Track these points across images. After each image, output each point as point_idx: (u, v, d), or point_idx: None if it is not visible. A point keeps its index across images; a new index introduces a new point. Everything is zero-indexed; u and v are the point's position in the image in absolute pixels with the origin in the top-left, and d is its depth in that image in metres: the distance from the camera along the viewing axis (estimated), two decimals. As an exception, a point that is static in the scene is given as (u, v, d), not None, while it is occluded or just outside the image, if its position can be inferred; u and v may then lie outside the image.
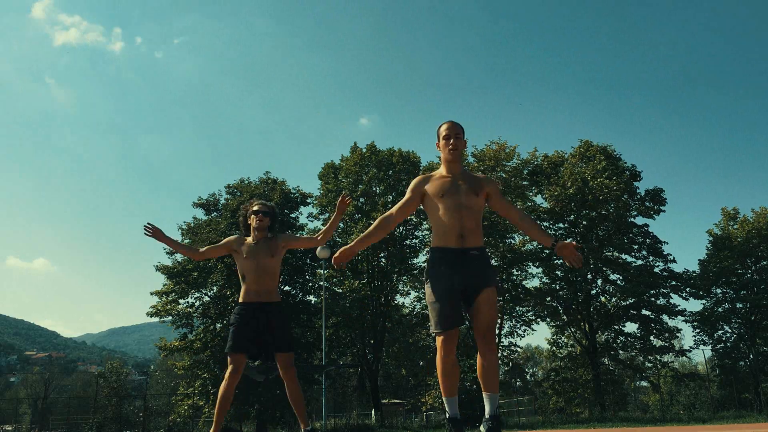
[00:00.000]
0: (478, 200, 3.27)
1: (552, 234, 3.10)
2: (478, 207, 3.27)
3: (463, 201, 3.22)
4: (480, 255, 3.21)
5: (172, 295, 23.32)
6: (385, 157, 25.57)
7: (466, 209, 3.22)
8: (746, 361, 26.48)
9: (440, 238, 3.24)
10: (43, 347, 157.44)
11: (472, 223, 3.22)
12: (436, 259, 3.22)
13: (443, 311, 3.10)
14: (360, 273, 25.07)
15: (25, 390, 57.61)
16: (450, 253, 3.18)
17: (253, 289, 4.18)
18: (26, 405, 47.62)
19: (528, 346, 64.90)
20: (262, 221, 4.28)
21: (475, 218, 3.25)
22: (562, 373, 25.72)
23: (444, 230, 3.22)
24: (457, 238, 3.18)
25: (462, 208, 3.21)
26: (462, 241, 3.18)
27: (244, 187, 24.88)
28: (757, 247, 26.63)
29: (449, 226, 3.20)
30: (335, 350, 24.90)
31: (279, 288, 4.42)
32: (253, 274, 4.18)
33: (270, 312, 4.15)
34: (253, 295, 4.17)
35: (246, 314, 4.13)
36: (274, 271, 4.25)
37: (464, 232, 3.18)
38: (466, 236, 3.18)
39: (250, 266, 4.20)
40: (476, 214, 3.26)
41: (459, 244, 3.18)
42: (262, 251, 4.22)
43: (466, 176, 3.34)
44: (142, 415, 22.67)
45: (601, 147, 25.80)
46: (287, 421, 21.05)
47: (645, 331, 24.52)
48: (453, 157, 3.35)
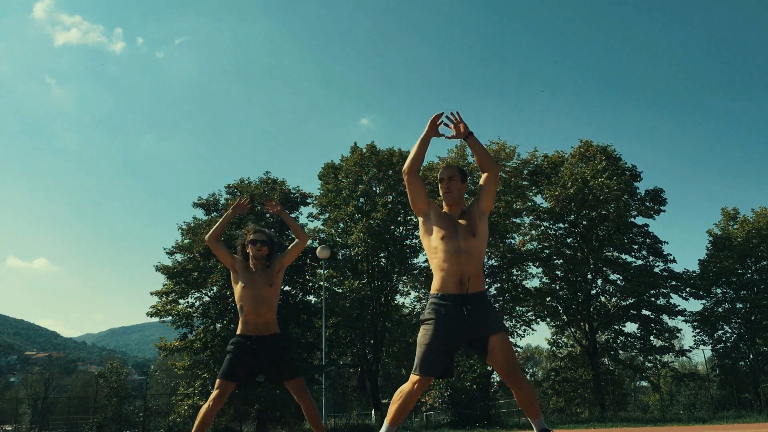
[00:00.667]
0: (476, 241, 3.22)
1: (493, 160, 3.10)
2: (478, 251, 3.23)
3: (462, 246, 3.18)
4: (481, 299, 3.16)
5: (172, 295, 23.32)
6: (385, 157, 25.56)
7: (466, 254, 3.17)
8: (746, 361, 26.48)
9: (440, 283, 3.19)
10: (43, 347, 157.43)
11: (473, 268, 3.18)
12: (435, 305, 3.17)
13: (430, 358, 3.08)
14: (360, 273, 25.06)
15: (25, 390, 57.59)
16: (450, 301, 3.12)
17: (251, 321, 4.12)
18: (26, 405, 47.55)
19: (528, 346, 64.98)
20: (260, 251, 4.23)
21: (474, 263, 3.19)
22: (562, 373, 25.71)
23: (443, 276, 3.18)
24: (457, 284, 3.14)
25: (461, 253, 3.17)
26: (462, 288, 3.13)
27: (244, 187, 24.87)
28: (757, 247, 26.63)
29: (448, 272, 3.16)
30: (335, 350, 24.89)
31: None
32: (251, 305, 4.13)
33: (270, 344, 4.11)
34: (252, 328, 4.11)
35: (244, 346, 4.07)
36: (272, 302, 4.20)
37: (464, 278, 3.14)
38: (466, 283, 3.14)
39: (247, 296, 4.15)
40: (476, 258, 3.21)
41: (459, 290, 3.13)
42: (260, 281, 4.18)
43: (463, 216, 3.31)
44: (142, 415, 22.67)
45: (601, 147, 25.80)
46: (287, 421, 21.07)
47: (645, 331, 24.51)
48: (448, 201, 3.35)
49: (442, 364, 3.10)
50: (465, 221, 3.26)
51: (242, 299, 4.17)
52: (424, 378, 3.08)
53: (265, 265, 4.29)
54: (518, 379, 3.12)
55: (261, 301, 4.14)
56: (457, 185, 3.36)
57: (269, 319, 4.16)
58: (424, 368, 3.08)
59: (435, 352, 3.08)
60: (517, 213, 24.79)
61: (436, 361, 3.08)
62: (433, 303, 3.18)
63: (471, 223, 3.25)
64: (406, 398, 3.11)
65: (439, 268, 3.20)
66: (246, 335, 4.12)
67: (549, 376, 27.21)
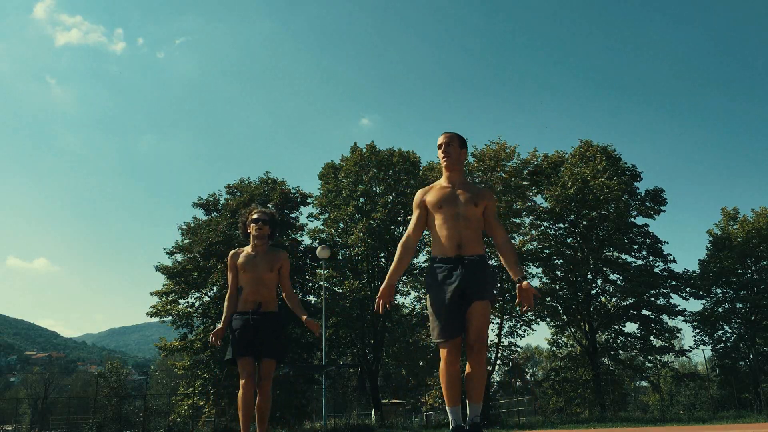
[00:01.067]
0: (477, 210, 3.25)
1: (523, 269, 3.08)
2: (477, 217, 3.25)
3: (461, 211, 3.21)
4: (478, 261, 3.19)
5: (172, 295, 23.32)
6: (385, 157, 25.56)
7: (464, 219, 3.20)
8: (746, 361, 26.49)
9: (438, 248, 3.23)
10: (43, 347, 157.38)
11: (471, 233, 3.21)
12: (434, 269, 3.21)
13: (444, 321, 3.10)
14: (360, 273, 25.06)
15: (25, 390, 57.61)
16: (447, 262, 3.17)
17: (249, 299, 4.17)
18: (26, 405, 47.58)
19: (528, 346, 64.94)
20: (262, 230, 4.24)
21: (473, 228, 3.22)
22: (562, 373, 25.71)
23: (442, 240, 3.21)
24: (455, 247, 3.17)
25: (460, 218, 3.20)
26: (460, 251, 3.17)
27: (244, 187, 24.87)
28: (757, 247, 26.63)
29: (447, 236, 3.19)
30: (335, 350, 24.89)
31: (277, 297, 4.41)
32: (250, 286, 4.18)
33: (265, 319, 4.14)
34: (250, 304, 4.16)
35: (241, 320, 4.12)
36: (271, 284, 4.24)
37: (462, 242, 3.18)
38: (464, 246, 3.17)
39: (248, 278, 4.19)
40: (475, 224, 3.24)
41: (457, 253, 3.17)
42: (261, 264, 4.20)
43: (466, 186, 3.33)
44: (142, 415, 22.66)
45: (601, 147, 25.79)
46: (287, 421, 21.07)
47: (645, 331, 24.50)
48: (447, 164, 3.34)
49: (457, 322, 3.10)
50: (467, 193, 3.28)
51: (242, 281, 4.22)
52: (450, 342, 3.09)
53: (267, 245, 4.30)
54: (480, 352, 3.12)
55: (260, 283, 4.19)
56: (456, 150, 3.36)
57: (267, 297, 4.21)
58: (445, 332, 3.09)
59: (447, 314, 3.10)
60: (517, 213, 24.77)
61: (452, 321, 3.10)
62: (433, 267, 3.23)
63: (474, 197, 3.27)
64: (448, 373, 3.11)
65: (438, 234, 3.24)
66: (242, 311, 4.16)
67: (549, 376, 27.22)
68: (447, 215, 3.22)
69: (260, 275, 4.18)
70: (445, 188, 3.32)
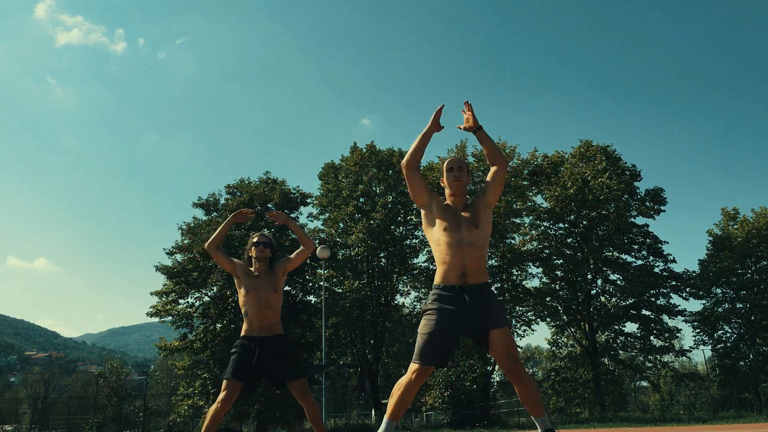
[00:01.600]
0: (479, 233, 3.21)
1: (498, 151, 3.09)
2: (481, 242, 3.21)
3: (464, 237, 3.17)
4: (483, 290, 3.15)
5: (172, 295, 23.32)
6: (384, 157, 25.55)
7: (468, 246, 3.17)
8: (746, 361, 26.48)
9: (442, 275, 3.20)
10: (43, 347, 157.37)
11: (475, 261, 3.17)
12: (436, 296, 3.18)
13: (430, 348, 3.07)
14: (360, 273, 25.06)
15: (25, 390, 57.59)
16: (451, 291, 3.14)
17: (255, 325, 4.16)
18: (26, 405, 47.55)
19: (528, 346, 65.02)
20: (263, 252, 4.27)
21: (477, 255, 3.18)
22: (562, 373, 25.71)
23: (446, 267, 3.18)
24: (459, 276, 3.14)
25: (464, 245, 3.16)
26: (464, 279, 3.14)
27: (244, 187, 24.87)
28: (757, 247, 26.62)
29: (451, 264, 3.16)
30: (335, 350, 24.89)
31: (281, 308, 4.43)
32: (255, 309, 4.17)
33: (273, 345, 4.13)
34: (256, 330, 4.15)
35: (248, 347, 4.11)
36: (276, 306, 4.24)
37: (467, 270, 3.14)
38: (469, 274, 3.14)
39: (251, 301, 4.19)
40: (479, 250, 3.20)
41: (461, 282, 3.14)
42: (263, 286, 4.21)
43: (467, 209, 3.31)
44: (142, 415, 22.67)
45: (601, 147, 25.80)
46: (287, 421, 21.07)
47: (645, 331, 24.51)
48: (456, 190, 3.32)
49: (442, 354, 3.10)
50: (468, 213, 3.27)
51: (246, 304, 4.22)
52: (424, 368, 3.08)
53: (268, 268, 4.33)
54: (519, 373, 3.10)
55: (265, 305, 4.18)
56: (465, 176, 3.39)
57: (273, 321, 4.21)
58: (425, 358, 3.07)
59: (436, 343, 3.08)
60: (517, 213, 24.79)
61: (437, 351, 3.08)
62: (435, 294, 3.19)
63: (474, 215, 3.25)
64: (405, 390, 3.10)
65: (442, 260, 3.21)
66: (249, 336, 4.16)
67: (549, 376, 27.21)
68: (450, 240, 3.18)
69: (264, 297, 4.18)
70: (449, 209, 3.31)
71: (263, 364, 4.08)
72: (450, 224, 3.22)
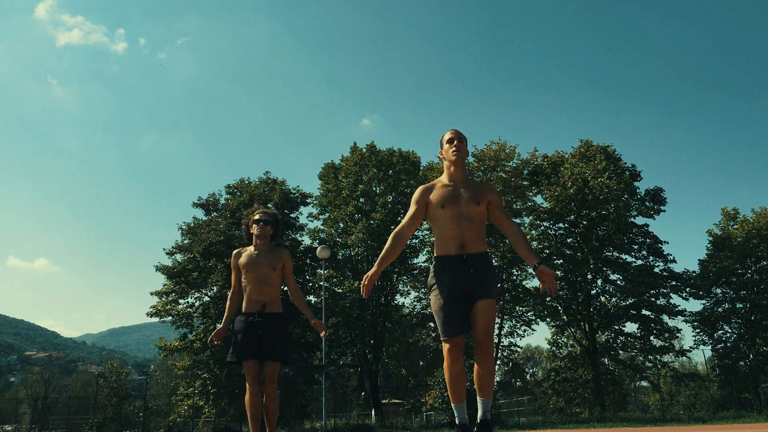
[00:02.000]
0: (479, 209, 3.25)
1: (539, 254, 3.22)
2: (479, 216, 3.25)
3: (464, 211, 3.21)
4: (481, 259, 3.20)
5: (172, 295, 23.31)
6: (384, 157, 25.55)
7: (467, 219, 3.21)
8: (746, 361, 26.48)
9: (441, 247, 3.25)
10: (43, 347, 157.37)
11: (474, 232, 3.22)
12: (437, 268, 3.24)
13: (447, 319, 3.12)
14: (360, 273, 25.04)
15: (25, 390, 57.63)
16: (450, 261, 3.19)
17: (254, 299, 4.17)
18: (26, 405, 47.61)
19: (528, 346, 64.97)
20: (263, 229, 4.27)
21: (476, 228, 3.23)
22: (562, 373, 25.71)
23: (445, 240, 3.23)
24: (458, 247, 3.19)
25: (463, 218, 3.21)
26: (462, 249, 3.19)
27: (244, 187, 24.86)
28: (757, 247, 26.62)
29: (450, 236, 3.21)
30: (335, 350, 24.89)
31: (281, 295, 4.42)
32: (253, 284, 4.18)
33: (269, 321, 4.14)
34: (254, 305, 4.17)
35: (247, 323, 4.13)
36: (275, 282, 4.24)
37: (465, 241, 3.19)
38: (467, 245, 3.19)
39: (250, 277, 4.20)
40: (478, 224, 3.25)
41: (459, 251, 3.19)
42: (263, 263, 4.22)
43: (468, 184, 3.32)
44: (142, 415, 22.66)
45: (601, 147, 25.78)
46: (287, 421, 21.06)
47: (645, 331, 24.50)
48: (457, 159, 3.32)
49: (462, 320, 3.14)
50: (469, 191, 3.28)
51: (246, 280, 4.23)
52: (453, 340, 3.12)
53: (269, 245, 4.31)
54: (488, 349, 3.15)
55: (264, 281, 4.19)
56: (465, 147, 3.40)
57: (272, 297, 4.22)
58: (449, 330, 3.12)
59: (451, 313, 3.13)
60: (517, 213, 24.78)
61: (456, 320, 3.12)
62: (436, 266, 3.25)
63: (477, 194, 3.27)
64: (451, 371, 3.15)
65: (441, 233, 3.26)
66: (247, 312, 4.17)
67: (549, 376, 27.22)
68: (450, 214, 3.22)
69: (263, 273, 4.19)
70: (448, 186, 3.32)
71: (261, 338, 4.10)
72: (449, 200, 3.25)
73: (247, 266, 4.21)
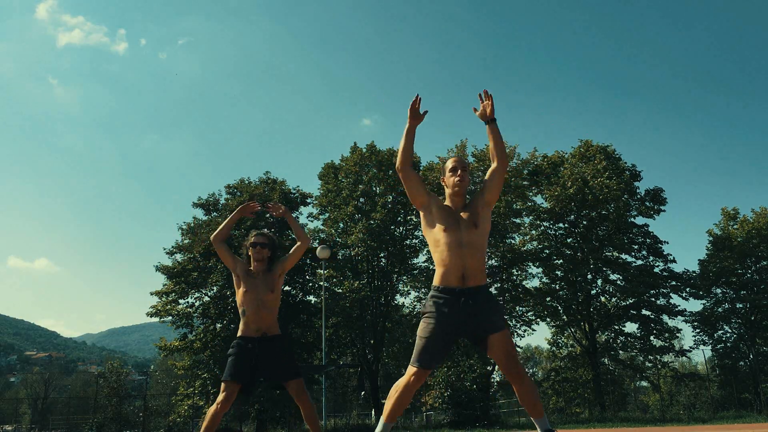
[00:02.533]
0: (478, 233, 3.20)
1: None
2: (480, 243, 3.20)
3: (464, 238, 3.16)
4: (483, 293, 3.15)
5: (172, 295, 23.30)
6: (385, 157, 25.55)
7: (469, 247, 3.15)
8: (746, 361, 26.47)
9: (441, 277, 3.18)
10: (43, 347, 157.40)
11: (475, 262, 3.16)
12: (437, 299, 3.17)
13: (428, 350, 3.08)
14: (360, 273, 25.06)
15: (25, 390, 57.60)
16: (450, 293, 3.12)
17: (252, 324, 4.16)
18: (26, 405, 47.61)
19: (528, 346, 65.02)
20: (260, 253, 4.27)
21: (477, 256, 3.17)
22: (562, 373, 25.70)
23: (446, 269, 3.17)
24: (459, 279, 3.13)
25: (463, 246, 3.15)
26: (464, 282, 3.12)
27: (244, 187, 24.86)
28: (757, 247, 26.61)
29: (451, 265, 3.14)
30: (335, 350, 24.88)
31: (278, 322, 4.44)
32: (252, 309, 4.17)
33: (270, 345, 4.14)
34: (253, 331, 4.15)
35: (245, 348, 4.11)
36: (273, 307, 4.24)
37: (466, 272, 3.13)
38: (468, 277, 3.13)
39: (248, 301, 4.18)
40: (479, 251, 3.18)
41: (460, 284, 3.12)
42: (261, 286, 4.21)
43: (466, 209, 3.30)
44: (142, 415, 22.64)
45: (601, 147, 25.78)
46: (287, 421, 21.05)
47: (645, 331, 24.50)
48: (459, 190, 3.30)
49: (440, 357, 3.11)
50: (467, 213, 3.25)
51: (244, 303, 4.22)
52: (422, 370, 3.08)
53: (267, 268, 4.32)
54: (519, 373, 3.11)
55: (262, 306, 4.18)
56: (468, 176, 3.37)
57: (270, 322, 4.21)
58: (424, 361, 3.08)
59: (434, 346, 3.09)
60: (517, 213, 24.78)
61: (435, 354, 3.09)
62: (434, 296, 3.19)
63: (473, 214, 3.24)
64: (403, 392, 3.10)
65: (441, 262, 3.19)
66: (246, 337, 4.15)
67: (549, 376, 27.20)
68: (450, 241, 3.16)
69: (262, 297, 4.18)
70: (449, 210, 3.29)
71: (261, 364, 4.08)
72: (449, 225, 3.20)
73: (246, 286, 4.21)
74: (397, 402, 3.11)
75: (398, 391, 3.11)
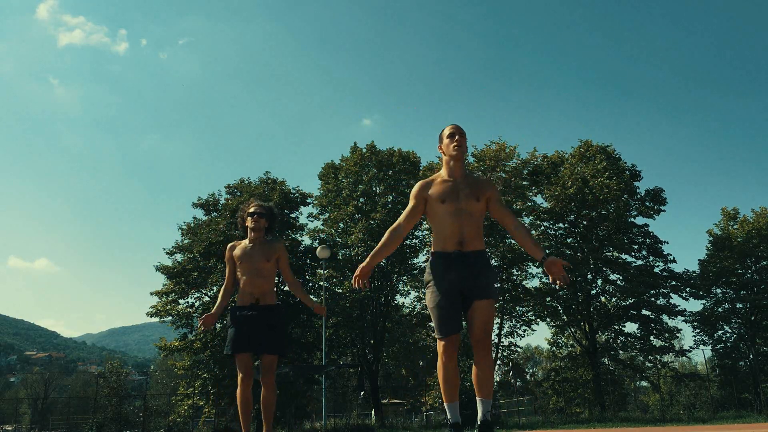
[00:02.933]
0: (478, 205, 3.23)
1: (544, 248, 3.20)
2: (478, 212, 3.24)
3: (463, 206, 3.19)
4: (479, 257, 3.18)
5: (172, 295, 23.29)
6: (385, 157, 25.54)
7: (467, 215, 3.19)
8: (746, 361, 26.47)
9: (440, 243, 3.22)
10: (43, 347, 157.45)
11: (473, 229, 3.20)
12: (434, 263, 3.20)
13: (443, 317, 3.09)
14: (360, 273, 25.02)
15: (25, 390, 57.62)
16: (447, 257, 3.16)
17: (247, 291, 4.15)
18: (26, 405, 47.61)
19: (528, 346, 64.96)
20: (258, 222, 4.25)
21: (475, 224, 3.22)
22: (562, 373, 25.69)
23: (444, 236, 3.20)
24: (457, 243, 3.16)
25: (462, 214, 3.18)
26: (461, 247, 3.16)
27: (244, 187, 24.86)
28: (757, 247, 26.61)
29: (449, 232, 3.18)
30: (335, 350, 24.88)
31: (277, 290, 4.44)
32: (247, 276, 4.16)
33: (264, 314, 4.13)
34: (248, 297, 4.15)
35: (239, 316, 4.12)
36: (269, 274, 4.21)
37: (464, 238, 3.17)
38: (466, 242, 3.17)
39: (244, 269, 4.18)
40: (477, 220, 3.23)
41: (457, 248, 3.16)
42: (257, 254, 4.20)
43: (467, 180, 3.30)
44: (142, 415, 22.64)
45: (601, 147, 25.78)
46: (287, 421, 21.05)
47: (645, 331, 24.49)
48: (457, 155, 3.29)
49: (456, 320, 3.12)
50: (468, 188, 3.26)
51: (240, 271, 4.21)
52: (447, 339, 3.09)
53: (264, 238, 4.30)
54: (485, 348, 3.13)
55: (257, 273, 4.17)
56: (465, 142, 3.37)
57: (265, 289, 4.19)
58: (445, 329, 3.09)
59: (446, 311, 3.10)
60: (517, 213, 24.77)
61: (450, 319, 3.10)
62: (432, 262, 3.23)
63: (477, 190, 3.26)
64: (445, 370, 3.11)
65: (440, 228, 3.23)
66: (241, 306, 4.15)
67: (549, 376, 27.21)
68: (449, 210, 3.19)
69: (257, 266, 4.16)
70: (447, 182, 3.29)
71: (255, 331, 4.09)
72: (448, 195, 3.22)
73: (242, 258, 4.19)
74: (445, 383, 3.12)
75: (441, 372, 3.13)
